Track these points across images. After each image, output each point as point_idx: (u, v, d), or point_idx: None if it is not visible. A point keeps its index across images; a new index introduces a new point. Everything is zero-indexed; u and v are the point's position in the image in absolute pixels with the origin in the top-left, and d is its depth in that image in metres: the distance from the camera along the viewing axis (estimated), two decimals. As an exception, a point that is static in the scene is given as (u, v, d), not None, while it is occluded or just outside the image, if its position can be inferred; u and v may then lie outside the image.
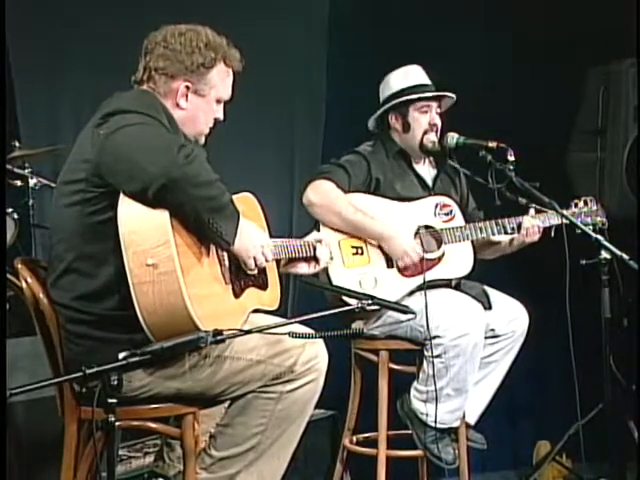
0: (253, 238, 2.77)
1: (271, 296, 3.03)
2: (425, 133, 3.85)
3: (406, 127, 3.87)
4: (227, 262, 2.81)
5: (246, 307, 2.87)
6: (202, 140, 2.90)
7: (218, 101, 2.87)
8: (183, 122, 2.80)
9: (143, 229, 2.56)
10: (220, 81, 2.84)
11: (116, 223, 2.57)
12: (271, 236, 2.96)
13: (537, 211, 3.84)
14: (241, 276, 2.86)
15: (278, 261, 3.05)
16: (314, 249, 3.12)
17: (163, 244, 2.55)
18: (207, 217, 2.58)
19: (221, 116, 2.90)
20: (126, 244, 2.56)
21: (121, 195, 2.57)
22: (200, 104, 2.82)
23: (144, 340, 2.55)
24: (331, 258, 3.22)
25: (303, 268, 3.13)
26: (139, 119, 2.61)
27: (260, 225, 3.02)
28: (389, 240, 3.69)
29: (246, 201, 3.03)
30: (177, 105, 2.80)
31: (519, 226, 3.82)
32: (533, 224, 3.81)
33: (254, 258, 2.77)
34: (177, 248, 2.56)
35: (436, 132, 3.85)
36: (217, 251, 2.77)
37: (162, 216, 2.56)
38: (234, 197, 2.91)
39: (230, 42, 2.87)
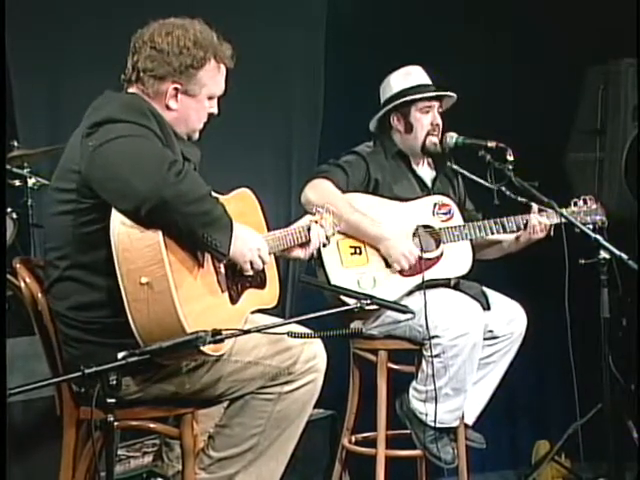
0: (248, 242, 2.72)
1: (270, 294, 2.99)
2: (428, 134, 3.84)
3: (408, 128, 3.85)
4: (223, 270, 2.77)
5: (244, 311, 2.84)
6: (196, 136, 2.84)
7: (210, 97, 2.80)
8: (174, 122, 2.74)
9: (136, 247, 2.52)
10: (211, 79, 2.77)
11: (108, 233, 2.54)
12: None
13: (538, 210, 3.84)
14: (238, 280, 2.82)
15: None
16: (309, 230, 3.05)
17: (157, 263, 2.51)
18: (201, 232, 2.55)
19: (215, 110, 2.84)
20: (119, 261, 2.53)
21: (113, 210, 2.54)
22: (191, 104, 2.76)
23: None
24: (331, 235, 3.14)
25: (298, 253, 3.06)
26: (129, 130, 2.55)
27: (258, 221, 3.00)
28: (387, 243, 3.68)
29: (244, 197, 3.00)
30: (167, 107, 2.73)
31: (526, 224, 3.81)
32: (540, 221, 3.81)
33: (250, 262, 2.74)
34: (171, 266, 2.53)
35: (438, 132, 3.84)
36: (213, 260, 2.72)
37: (155, 234, 2.52)
38: (232, 194, 2.91)
39: (221, 37, 2.80)
